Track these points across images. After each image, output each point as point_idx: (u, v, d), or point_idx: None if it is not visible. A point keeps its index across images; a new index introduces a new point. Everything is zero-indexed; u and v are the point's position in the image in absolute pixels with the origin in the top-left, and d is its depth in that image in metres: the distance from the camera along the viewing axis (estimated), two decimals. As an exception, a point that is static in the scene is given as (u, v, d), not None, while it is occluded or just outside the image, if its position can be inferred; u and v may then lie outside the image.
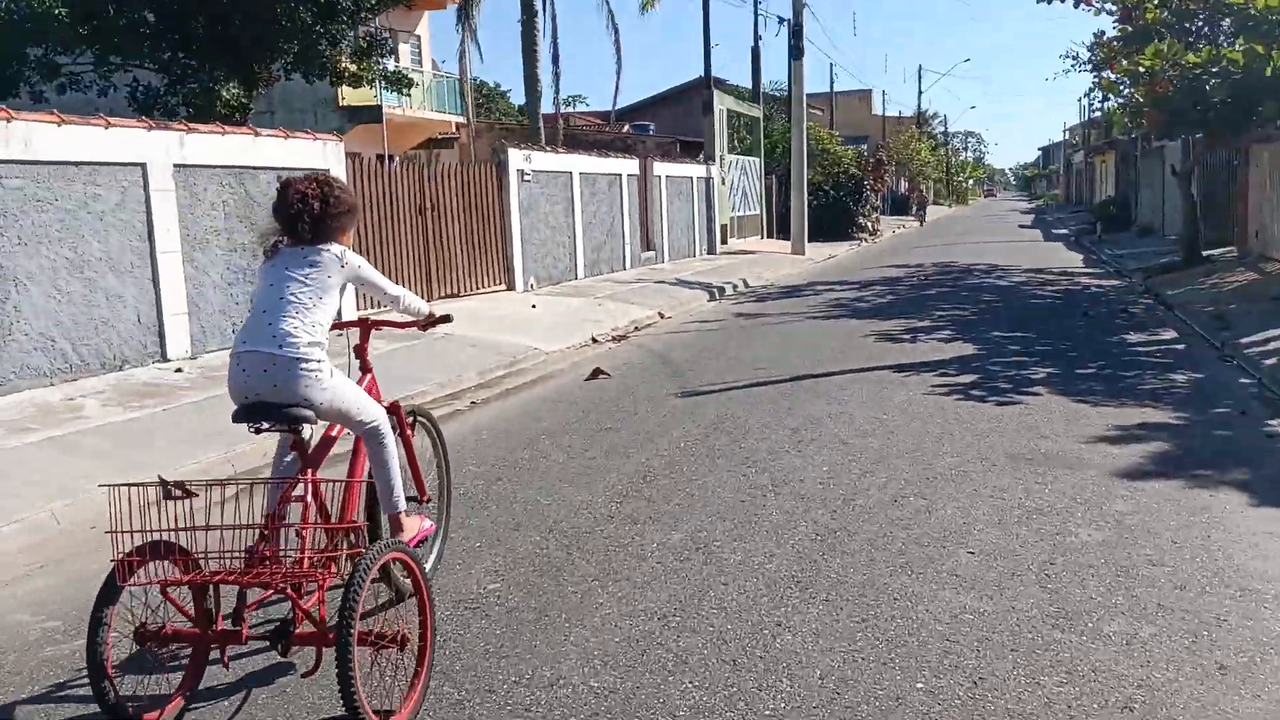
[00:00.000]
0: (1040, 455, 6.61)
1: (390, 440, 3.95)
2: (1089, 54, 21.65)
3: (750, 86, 33.58)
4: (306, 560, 3.43)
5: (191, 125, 9.73)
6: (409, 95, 26.72)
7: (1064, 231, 38.89)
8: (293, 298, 3.64)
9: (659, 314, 15.20)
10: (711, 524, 5.39)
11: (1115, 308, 14.59)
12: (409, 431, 4.38)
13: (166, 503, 3.23)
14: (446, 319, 4.54)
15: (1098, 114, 71.43)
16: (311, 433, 3.81)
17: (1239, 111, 15.06)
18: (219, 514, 3.35)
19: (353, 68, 18.79)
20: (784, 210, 34.54)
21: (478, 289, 15.42)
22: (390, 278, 12.71)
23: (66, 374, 8.38)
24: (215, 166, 10.00)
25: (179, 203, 9.54)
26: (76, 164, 8.57)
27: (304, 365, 3.58)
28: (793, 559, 4.83)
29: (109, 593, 3.22)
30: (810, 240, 27.54)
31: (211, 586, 3.34)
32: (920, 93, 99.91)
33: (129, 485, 3.14)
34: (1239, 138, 16.65)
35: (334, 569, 3.46)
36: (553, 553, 5.02)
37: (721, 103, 27.15)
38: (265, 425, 3.61)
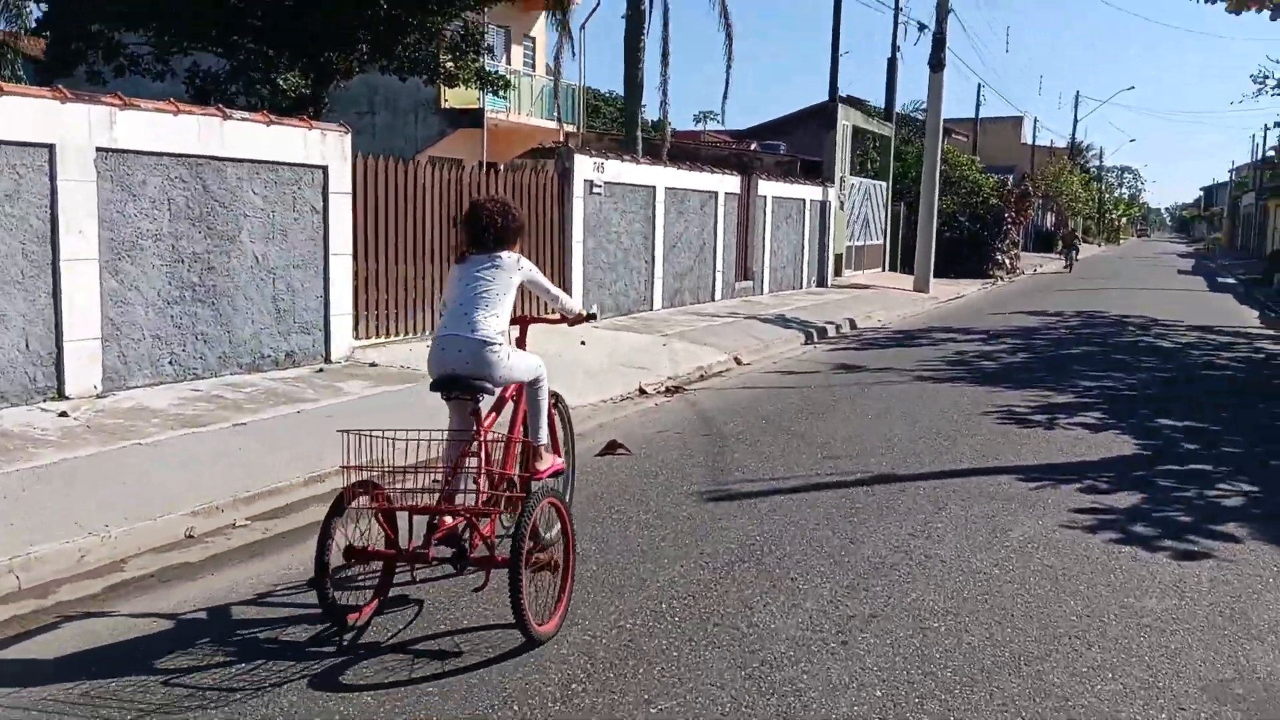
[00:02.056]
0: (1265, 685, 3.87)
1: (544, 390, 4.98)
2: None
3: (884, 104, 30.62)
4: (483, 499, 4.35)
5: (130, 100, 7.77)
6: (505, 98, 24.94)
7: (1230, 281, 34.52)
8: (483, 293, 4.59)
9: (735, 359, 12.67)
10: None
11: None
12: (554, 410, 5.35)
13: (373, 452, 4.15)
14: (592, 317, 5.71)
15: (1272, 152, 65.34)
16: (483, 400, 4.58)
17: None
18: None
19: (450, 65, 17.07)
20: (911, 241, 31.49)
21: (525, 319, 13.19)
22: (410, 300, 11.09)
23: (-93, 411, 6.44)
24: (161, 154, 8.01)
25: (102, 197, 7.56)
26: (-52, 142, 6.69)
27: (489, 347, 4.51)
28: None
29: (335, 512, 4.09)
30: (938, 276, 24.47)
31: (408, 515, 4.41)
32: (1076, 121, 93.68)
33: (357, 433, 4.12)
34: None
35: (499, 508, 4.37)
36: None
37: (846, 118, 24.40)
38: (454, 394, 4.52)
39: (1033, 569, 5.13)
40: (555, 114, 29.95)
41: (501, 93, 22.25)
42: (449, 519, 4.29)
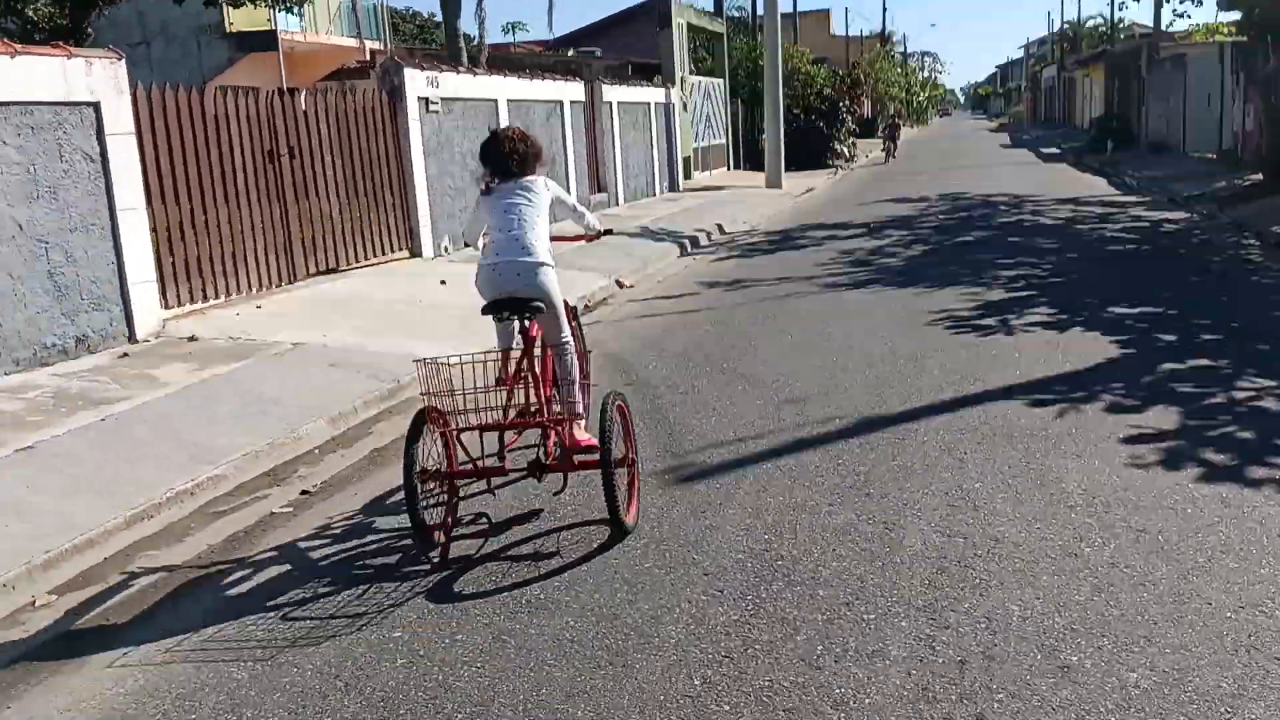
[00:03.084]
0: None
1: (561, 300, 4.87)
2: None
3: (714, 2, 29.12)
4: (559, 407, 4.60)
5: None
6: (300, 14, 22.11)
7: (1055, 150, 35.13)
8: (525, 218, 4.66)
9: (617, 283, 11.21)
10: None
11: (1228, 255, 10.83)
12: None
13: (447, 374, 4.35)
14: (609, 232, 5.90)
15: (1068, 26, 67.66)
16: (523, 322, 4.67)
17: None
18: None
19: (228, -22, 14.52)
20: (751, 137, 30.43)
21: (367, 258, 11.26)
22: (229, 255, 9.39)
23: None
24: None
25: None
26: None
27: (543, 268, 4.61)
28: None
29: (413, 438, 4.15)
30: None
31: (478, 434, 4.47)
32: (885, 8, 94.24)
33: (434, 360, 4.37)
34: None
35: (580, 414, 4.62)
36: None
37: (680, 15, 22.78)
38: (507, 314, 4.62)
39: (1132, 543, 3.94)
40: (357, 30, 27.13)
41: (295, 9, 19.57)
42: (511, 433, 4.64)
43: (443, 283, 10.39)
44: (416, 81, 11.92)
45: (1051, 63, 66.83)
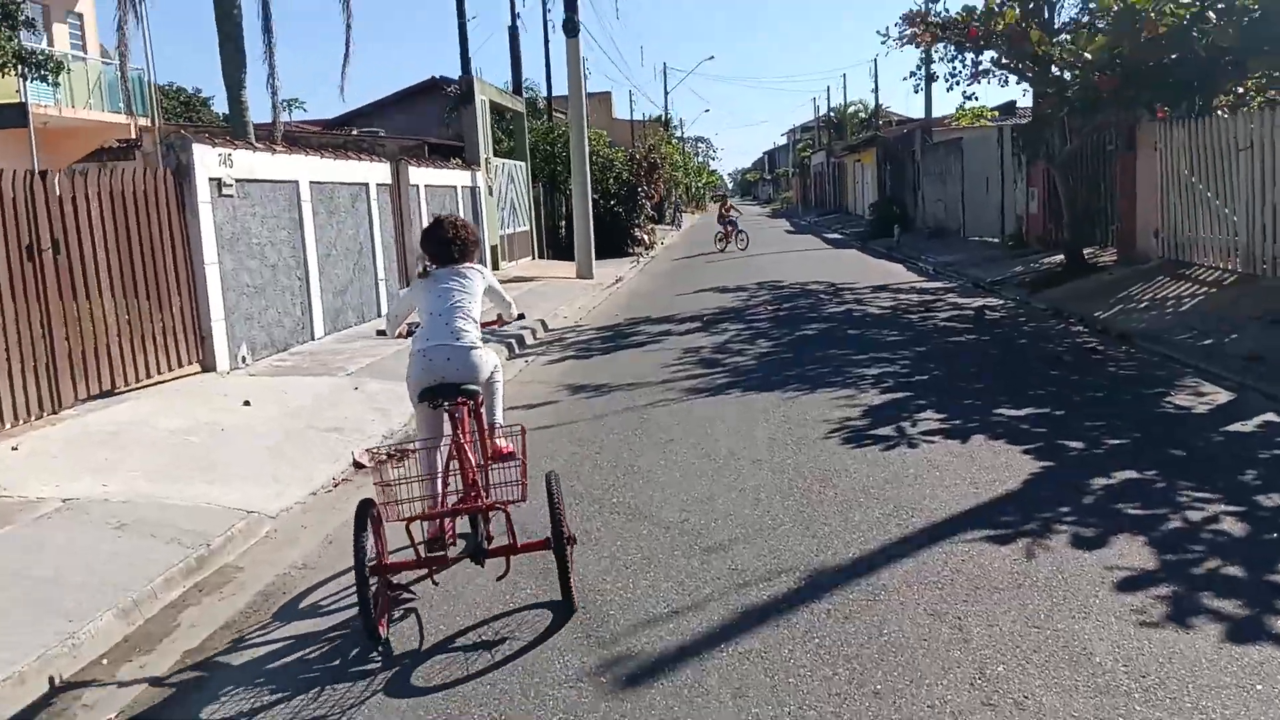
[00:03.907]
0: None
1: (501, 374, 5.09)
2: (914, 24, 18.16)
3: (511, 78, 28.55)
4: (497, 492, 4.58)
5: None
6: (57, 84, 19.77)
7: (838, 236, 36.62)
8: (459, 304, 4.77)
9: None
10: None
11: (1067, 344, 10.89)
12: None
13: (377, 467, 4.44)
14: (522, 316, 5.51)
15: (833, 114, 71.95)
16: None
17: (1219, 70, 11.73)
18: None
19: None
20: (553, 224, 29.83)
21: (151, 375, 9.54)
22: None
23: None
24: None
25: None
26: None
27: (474, 352, 4.72)
28: None
29: (361, 528, 4.14)
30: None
31: (404, 525, 4.40)
32: (666, 92, 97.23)
33: (373, 450, 5.13)
34: (1189, 106, 13.39)
35: (520, 499, 4.56)
36: None
37: (483, 91, 21.93)
38: (442, 400, 4.59)
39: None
40: (123, 104, 24.72)
41: (52, 78, 17.40)
42: (446, 520, 4.66)
43: (246, 403, 8.86)
44: (207, 159, 10.40)
45: (820, 148, 70.62)
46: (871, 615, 4.25)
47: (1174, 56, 11.83)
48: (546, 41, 35.57)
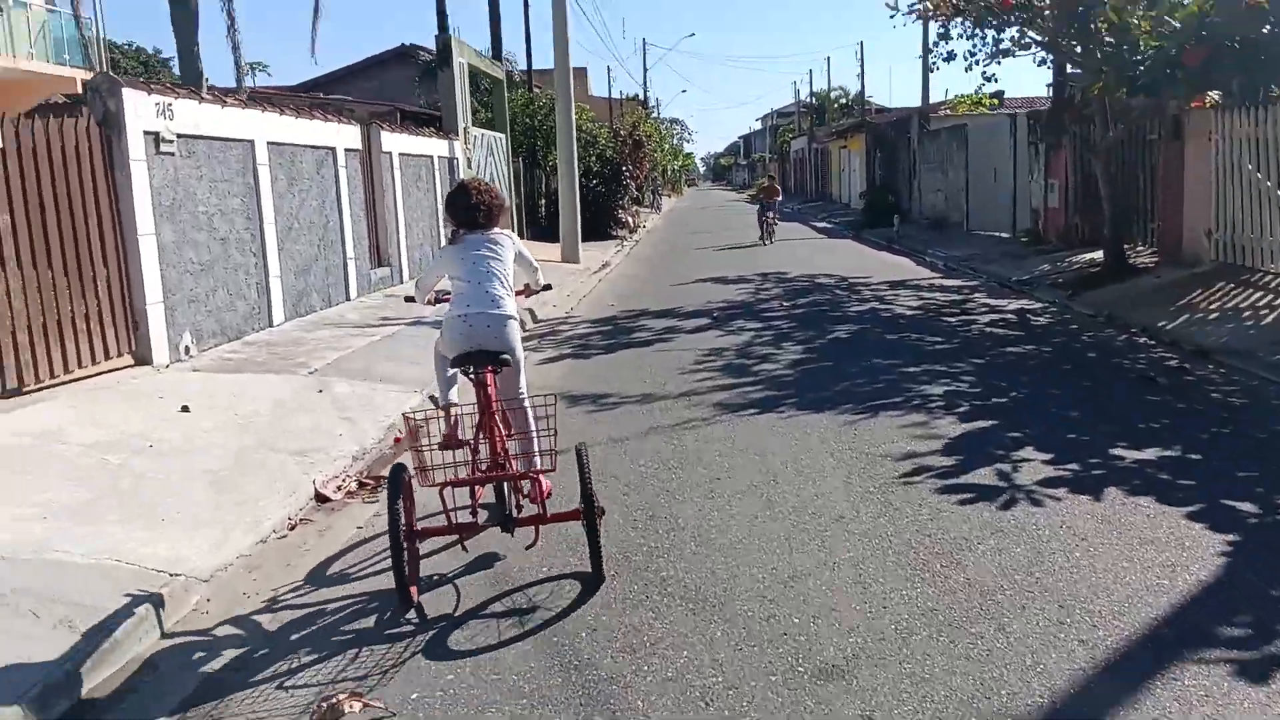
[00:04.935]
0: None
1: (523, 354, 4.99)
2: None
3: (490, 41, 26.70)
4: (532, 461, 4.67)
5: None
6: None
7: (828, 225, 35.12)
8: (494, 270, 4.76)
9: (433, 400, 8.38)
10: None
11: (1141, 361, 9.46)
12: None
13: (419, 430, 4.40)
14: (548, 288, 5.68)
15: (814, 97, 70.36)
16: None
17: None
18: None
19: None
20: (532, 203, 28.11)
21: (67, 371, 7.83)
22: None
23: None
24: None
25: None
26: None
27: (511, 321, 4.74)
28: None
29: (395, 495, 4.18)
30: (555, 241, 21.23)
31: (438, 490, 4.39)
32: (645, 70, 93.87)
33: (412, 412, 4.57)
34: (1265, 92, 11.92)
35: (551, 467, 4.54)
36: None
37: (462, 54, 20.09)
38: (476, 368, 4.59)
39: None
40: (77, 55, 22.67)
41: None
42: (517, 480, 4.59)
43: (185, 409, 7.20)
44: (141, 108, 8.66)
45: (801, 133, 69.06)
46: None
47: (1266, 30, 10.37)
48: (526, 6, 33.81)
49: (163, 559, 4.76)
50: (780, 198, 28.05)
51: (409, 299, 5.42)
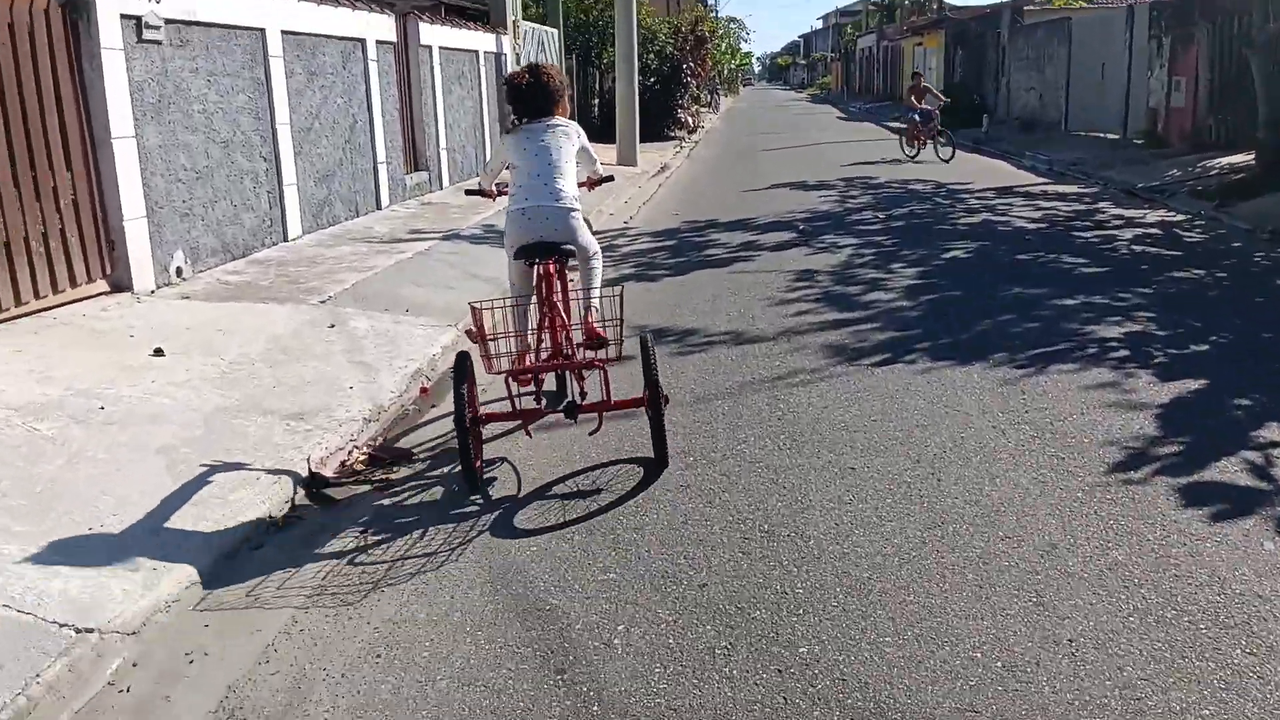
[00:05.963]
0: None
1: (600, 262, 4.83)
2: None
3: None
4: (598, 351, 4.46)
5: None
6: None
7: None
8: (555, 161, 4.57)
9: (468, 334, 6.78)
10: None
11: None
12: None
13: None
14: (610, 179, 5.43)
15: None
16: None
17: None
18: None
19: None
20: (585, 102, 26.13)
21: (22, 302, 6.36)
22: None
23: None
24: None
25: None
26: None
27: (573, 214, 4.57)
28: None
29: (460, 379, 4.19)
30: (611, 141, 19.28)
31: (504, 378, 4.45)
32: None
33: (479, 302, 4.37)
34: None
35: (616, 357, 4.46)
36: None
37: (511, -65, 18.00)
38: (538, 259, 4.46)
39: None
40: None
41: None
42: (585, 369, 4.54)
43: (158, 352, 5.70)
44: (116, -14, 6.99)
45: (869, 30, 65.35)
46: None
47: None
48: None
49: (72, 602, 3.29)
50: (938, 102, 20.46)
51: (470, 192, 5.21)
